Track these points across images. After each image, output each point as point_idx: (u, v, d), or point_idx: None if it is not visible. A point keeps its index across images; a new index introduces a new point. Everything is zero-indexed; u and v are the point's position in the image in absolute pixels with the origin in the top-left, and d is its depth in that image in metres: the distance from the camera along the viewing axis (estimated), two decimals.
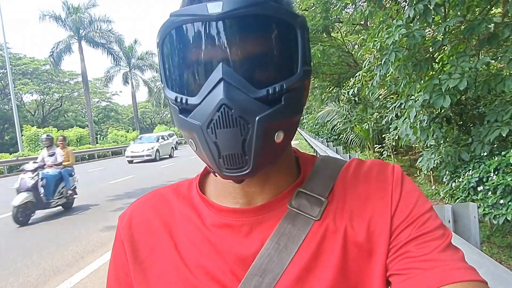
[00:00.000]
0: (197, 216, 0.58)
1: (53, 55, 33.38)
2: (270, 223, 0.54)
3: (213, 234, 0.55)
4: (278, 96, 0.46)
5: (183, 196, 0.62)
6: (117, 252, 0.62)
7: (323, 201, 0.54)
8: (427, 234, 0.49)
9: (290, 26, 0.47)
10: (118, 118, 57.49)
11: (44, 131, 26.64)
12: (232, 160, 0.46)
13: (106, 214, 7.31)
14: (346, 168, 0.58)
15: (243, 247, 0.53)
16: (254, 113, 0.44)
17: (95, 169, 18.31)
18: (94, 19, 34.70)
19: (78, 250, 5.13)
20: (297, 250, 0.51)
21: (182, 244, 0.57)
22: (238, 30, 0.45)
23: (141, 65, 45.54)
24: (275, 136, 0.47)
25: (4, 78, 37.54)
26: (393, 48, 4.18)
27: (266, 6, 0.45)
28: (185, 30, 0.46)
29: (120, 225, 0.62)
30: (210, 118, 0.45)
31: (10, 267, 4.63)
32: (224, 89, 0.44)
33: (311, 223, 0.53)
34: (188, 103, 0.47)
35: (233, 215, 0.55)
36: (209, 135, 0.45)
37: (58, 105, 46.09)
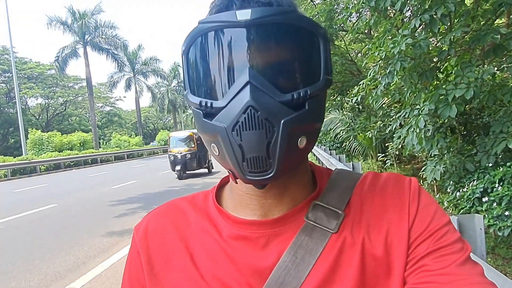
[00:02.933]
0: (213, 227, 0.58)
1: (58, 60, 33.66)
2: (286, 236, 0.54)
3: (229, 246, 0.55)
4: (302, 101, 0.47)
5: (199, 208, 0.62)
6: (133, 263, 0.62)
7: (340, 213, 0.54)
8: (445, 248, 0.49)
9: (314, 36, 0.49)
10: (121, 123, 57.66)
11: (48, 135, 26.77)
12: (256, 163, 0.46)
13: (108, 220, 7.31)
14: (362, 181, 0.58)
15: (260, 260, 0.53)
16: (279, 116, 0.45)
17: (97, 174, 18.35)
18: (100, 25, 35.02)
19: (80, 255, 5.12)
20: (314, 263, 0.51)
21: (198, 255, 0.57)
22: (265, 37, 0.47)
23: (144, 70, 45.77)
24: (299, 141, 0.48)
25: (9, 82, 37.81)
26: (399, 58, 4.19)
27: (292, 15, 0.47)
28: (214, 36, 0.48)
29: (136, 235, 0.63)
30: (236, 120, 0.45)
31: (11, 271, 4.62)
32: (251, 92, 0.45)
33: (328, 235, 0.53)
34: (213, 106, 0.48)
35: (249, 227, 0.55)
36: (234, 137, 0.46)
37: (63, 109, 46.33)
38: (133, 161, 28.89)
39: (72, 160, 24.46)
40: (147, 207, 8.27)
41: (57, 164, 22.99)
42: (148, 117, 64.45)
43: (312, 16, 11.01)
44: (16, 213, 8.50)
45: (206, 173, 14.80)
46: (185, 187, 11.45)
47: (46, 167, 22.36)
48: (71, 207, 9.10)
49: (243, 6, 0.49)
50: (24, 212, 8.64)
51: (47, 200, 10.20)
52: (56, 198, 10.56)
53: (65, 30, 33.58)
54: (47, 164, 22.43)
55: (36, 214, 8.46)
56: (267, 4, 0.49)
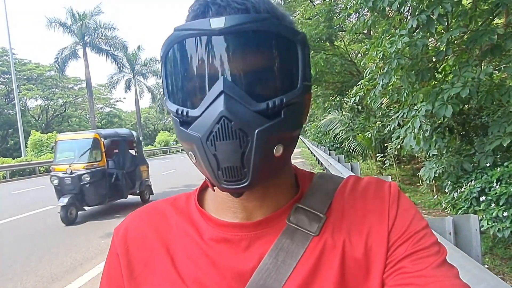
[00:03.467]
0: (195, 230, 0.58)
1: (58, 61, 33.63)
2: (268, 238, 0.54)
3: (211, 249, 0.55)
4: (277, 110, 0.46)
5: (181, 210, 0.62)
6: (112, 266, 0.61)
7: (321, 217, 0.54)
8: (422, 251, 0.50)
9: (290, 42, 0.48)
10: (121, 124, 57.63)
11: (48, 137, 26.77)
12: (231, 173, 0.46)
13: (106, 221, 7.30)
14: (344, 185, 0.58)
15: (241, 262, 0.53)
16: (253, 126, 0.45)
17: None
18: (99, 26, 35.02)
19: (77, 257, 5.11)
20: (295, 265, 0.51)
21: (179, 258, 0.56)
22: (240, 45, 0.46)
23: (144, 71, 45.81)
24: (274, 149, 0.47)
25: (9, 83, 37.81)
26: (395, 56, 4.18)
27: (267, 22, 0.46)
28: (188, 44, 0.48)
29: (116, 238, 0.62)
30: (210, 130, 0.45)
31: (8, 273, 4.61)
32: (225, 102, 0.44)
33: (310, 238, 0.53)
34: (189, 115, 0.48)
35: (231, 229, 0.55)
36: (209, 147, 0.46)
37: (62, 110, 46.32)
38: None
39: None
40: None
41: None
42: (148, 118, 64.47)
43: (312, 16, 11.02)
44: (14, 215, 8.49)
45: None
46: (185, 188, 11.44)
47: (45, 168, 22.35)
48: None
49: (219, 13, 0.48)
50: (22, 214, 8.63)
51: (46, 202, 10.16)
52: (54, 200, 10.50)
53: (65, 32, 33.59)
54: (46, 165, 22.41)
55: (34, 215, 8.44)
56: (243, 10, 0.48)
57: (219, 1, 0.48)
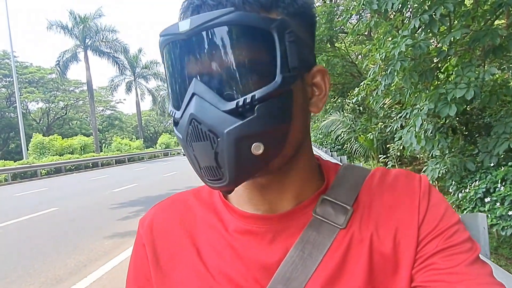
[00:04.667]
0: (219, 222, 0.58)
1: (59, 64, 33.74)
2: (293, 231, 0.54)
3: (236, 241, 0.55)
4: (250, 108, 0.44)
5: (204, 201, 0.62)
6: (138, 256, 0.61)
7: (348, 209, 0.53)
8: (454, 247, 0.49)
9: (262, 33, 0.45)
10: (122, 126, 57.72)
11: (49, 139, 26.83)
12: (210, 172, 0.47)
13: (110, 223, 7.29)
14: (371, 176, 0.57)
15: (267, 255, 0.53)
16: (222, 127, 0.44)
17: (98, 177, 18.35)
18: (100, 28, 35.12)
19: (81, 258, 5.10)
20: (322, 258, 0.51)
21: (204, 250, 0.56)
22: (206, 45, 0.46)
23: (145, 74, 45.89)
24: (252, 148, 0.45)
25: (10, 86, 37.90)
26: (399, 58, 4.18)
27: (231, 17, 0.44)
28: (166, 49, 0.50)
29: (141, 229, 0.62)
30: (186, 131, 0.46)
31: (12, 275, 4.61)
32: (195, 104, 0.45)
33: (337, 231, 0.52)
34: (175, 116, 0.49)
35: (256, 221, 0.55)
36: (188, 147, 0.48)
37: (63, 113, 46.40)
38: (134, 164, 28.90)
39: (73, 164, 24.48)
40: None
41: (58, 168, 23.01)
42: (149, 120, 64.53)
43: None
44: (17, 217, 8.49)
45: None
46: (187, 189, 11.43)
47: (47, 171, 22.38)
48: (72, 211, 9.08)
49: (195, 12, 0.48)
50: (24, 216, 8.63)
51: (48, 204, 10.19)
52: (57, 202, 10.56)
53: (66, 34, 33.70)
54: (48, 168, 22.45)
55: (37, 217, 8.44)
56: (217, 6, 0.46)
57: (196, 0, 0.48)
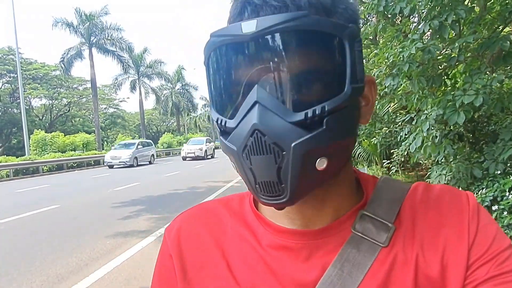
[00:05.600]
0: (251, 234, 0.55)
1: (63, 61, 33.83)
2: (331, 248, 0.50)
3: (269, 255, 0.52)
4: (318, 120, 0.42)
5: (235, 212, 0.59)
6: (164, 267, 0.59)
7: (390, 226, 0.50)
8: (507, 274, 0.45)
9: (334, 40, 0.42)
10: (125, 125, 57.79)
11: (52, 136, 26.83)
12: (268, 188, 0.43)
13: (111, 222, 7.27)
14: (413, 192, 0.53)
15: (303, 272, 0.49)
16: (289, 140, 0.41)
17: (100, 175, 18.35)
18: (106, 26, 35.19)
19: (82, 257, 5.08)
20: (362, 278, 0.47)
21: (235, 263, 0.53)
22: (273, 50, 0.42)
23: (149, 73, 45.94)
24: (317, 163, 0.43)
25: (14, 82, 37.97)
26: (408, 60, 4.16)
27: (304, 20, 0.41)
28: (222, 51, 0.45)
29: (168, 238, 0.60)
30: (245, 143, 0.43)
31: (12, 272, 4.58)
32: (258, 113, 0.41)
33: (378, 249, 0.48)
34: (227, 125, 0.45)
35: (291, 236, 0.52)
36: (244, 160, 0.44)
37: (66, 110, 46.48)
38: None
39: (75, 161, 24.47)
40: (150, 209, 8.24)
41: (60, 165, 23.00)
42: (151, 119, 64.59)
43: None
44: (18, 214, 8.46)
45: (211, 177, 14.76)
46: (188, 190, 11.42)
47: (48, 167, 22.38)
48: (73, 209, 9.06)
49: (254, 13, 0.44)
50: (25, 212, 8.60)
51: (49, 201, 10.16)
52: (58, 199, 10.53)
53: (71, 32, 33.78)
54: (50, 164, 22.45)
55: (38, 215, 8.42)
56: (281, 8, 0.43)
57: (256, 0, 0.44)
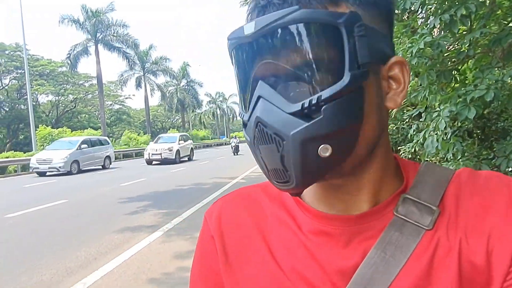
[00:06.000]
0: (291, 219, 0.55)
1: (70, 57, 33.98)
2: (371, 233, 0.50)
3: (309, 241, 0.52)
4: (316, 109, 0.43)
5: (274, 197, 0.59)
6: (206, 249, 0.60)
7: (434, 209, 0.49)
8: None
9: (329, 29, 0.43)
10: (130, 121, 58.02)
11: (58, 132, 26.99)
12: (277, 175, 0.46)
13: (119, 217, 7.32)
14: (457, 176, 0.52)
15: (343, 258, 0.50)
16: (287, 129, 0.43)
17: (106, 171, 18.46)
18: (112, 23, 35.28)
19: (91, 251, 5.12)
20: (406, 261, 0.47)
21: (276, 248, 0.54)
22: (271, 46, 0.45)
23: (154, 69, 46.04)
24: (319, 150, 0.43)
25: (21, 79, 38.22)
26: (416, 54, 4.12)
27: (295, 15, 0.43)
28: (233, 52, 0.50)
29: (209, 221, 0.61)
30: (253, 134, 0.46)
31: (22, 266, 4.63)
32: (260, 107, 0.45)
33: (422, 232, 0.48)
34: (244, 119, 0.50)
35: (331, 222, 0.52)
36: (255, 150, 0.48)
37: (72, 106, 46.78)
38: (141, 159, 29.00)
39: None
40: (157, 205, 8.29)
41: None
42: (156, 116, 64.81)
43: None
44: (26, 208, 8.55)
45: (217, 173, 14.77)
46: (194, 186, 11.46)
47: None
48: (81, 204, 9.15)
49: (260, 13, 0.46)
50: (34, 207, 8.69)
51: (57, 196, 10.25)
52: (66, 194, 10.63)
53: (77, 28, 33.91)
54: None
55: (46, 209, 8.50)
56: (282, 5, 0.44)
57: (261, 0, 0.47)
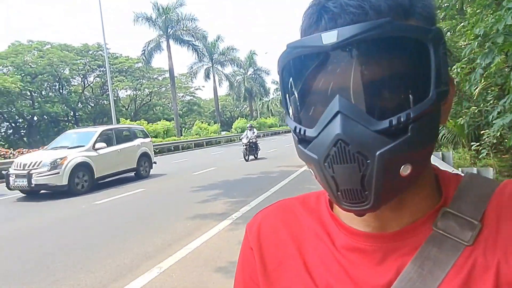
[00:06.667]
0: (326, 234, 0.55)
1: (144, 54, 36.14)
2: (406, 250, 0.48)
3: (343, 257, 0.52)
4: (403, 127, 0.41)
5: (311, 211, 0.59)
6: (246, 260, 0.62)
7: (475, 224, 0.46)
8: None
9: (418, 45, 0.41)
10: (201, 111, 60.40)
11: (137, 123, 29.02)
12: (351, 195, 0.44)
13: (191, 205, 7.68)
14: (501, 189, 0.49)
15: (377, 275, 0.49)
16: (374, 148, 0.41)
17: (179, 161, 19.45)
18: (181, 18, 36.72)
19: (166, 237, 5.45)
20: (444, 277, 0.45)
21: (311, 261, 0.54)
22: (355, 59, 0.42)
23: (222, 60, 47.16)
24: (401, 170, 0.42)
25: (103, 76, 41.63)
26: (503, 32, 3.68)
27: (386, 28, 0.40)
28: (301, 62, 0.46)
29: (249, 233, 0.63)
30: (327, 153, 0.43)
31: (107, 249, 5.08)
32: (341, 123, 0.41)
33: (461, 248, 0.46)
34: (306, 134, 0.46)
35: (365, 239, 0.51)
36: (326, 169, 0.44)
37: (148, 99, 49.93)
38: (211, 148, 30.13)
39: (157, 147, 26.26)
40: (227, 194, 8.57)
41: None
42: (225, 105, 66.59)
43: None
44: (110, 196, 9.38)
45: (284, 161, 14.81)
46: (262, 175, 11.61)
47: None
48: (157, 192, 9.79)
49: (332, 21, 0.43)
50: (116, 195, 9.50)
51: (136, 185, 11.08)
52: (143, 183, 11.43)
53: (150, 25, 35.86)
54: None
55: (127, 197, 9.24)
56: (360, 14, 0.42)
57: (333, 7, 0.43)
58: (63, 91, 42.48)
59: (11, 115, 37.48)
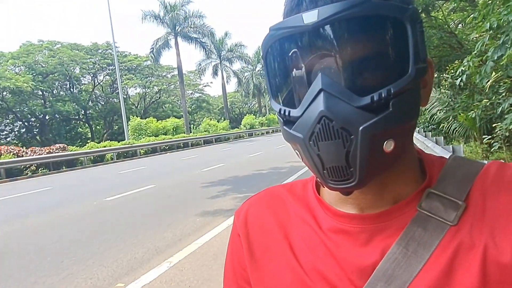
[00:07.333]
0: (312, 218, 0.56)
1: (153, 51, 36.34)
2: (392, 231, 0.49)
3: (329, 239, 0.53)
4: (384, 102, 0.42)
5: (298, 197, 0.60)
6: (234, 246, 0.63)
7: (459, 204, 0.47)
8: None
9: (396, 23, 0.43)
10: (209, 108, 60.56)
11: (146, 121, 29.27)
12: (337, 173, 0.44)
13: (201, 201, 7.73)
14: (485, 171, 0.49)
15: (362, 256, 0.49)
16: (357, 123, 0.42)
17: (189, 157, 19.57)
18: (188, 15, 36.80)
19: (176, 232, 5.51)
20: (429, 257, 0.45)
21: (297, 245, 0.55)
22: (336, 37, 0.43)
23: (230, 56, 47.18)
24: (384, 145, 0.43)
25: (113, 74, 41.96)
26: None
27: (365, 6, 0.41)
28: (284, 43, 0.46)
29: (237, 220, 0.64)
30: (312, 130, 0.44)
31: (119, 244, 5.17)
32: (324, 100, 0.42)
33: (446, 228, 0.46)
34: (291, 115, 0.47)
35: (350, 221, 0.52)
36: (312, 147, 0.45)
37: (157, 97, 50.20)
38: (220, 144, 30.23)
39: (166, 144, 26.48)
40: (236, 189, 8.60)
41: (154, 148, 25.12)
42: (234, 102, 66.65)
43: None
44: (123, 192, 9.49)
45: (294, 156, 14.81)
46: (272, 170, 11.62)
47: (145, 150, 24.57)
48: (167, 188, 9.86)
49: (312, 3, 0.44)
50: (128, 191, 9.60)
51: (147, 181, 11.20)
52: (154, 180, 11.55)
53: (158, 23, 36.01)
54: (146, 148, 24.63)
55: (138, 193, 9.34)
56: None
57: None
58: (74, 89, 42.95)
59: (24, 114, 38.03)
